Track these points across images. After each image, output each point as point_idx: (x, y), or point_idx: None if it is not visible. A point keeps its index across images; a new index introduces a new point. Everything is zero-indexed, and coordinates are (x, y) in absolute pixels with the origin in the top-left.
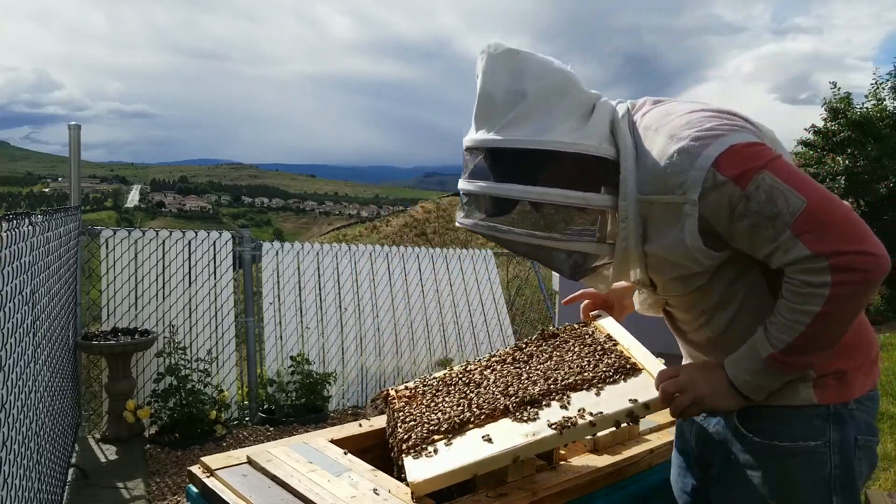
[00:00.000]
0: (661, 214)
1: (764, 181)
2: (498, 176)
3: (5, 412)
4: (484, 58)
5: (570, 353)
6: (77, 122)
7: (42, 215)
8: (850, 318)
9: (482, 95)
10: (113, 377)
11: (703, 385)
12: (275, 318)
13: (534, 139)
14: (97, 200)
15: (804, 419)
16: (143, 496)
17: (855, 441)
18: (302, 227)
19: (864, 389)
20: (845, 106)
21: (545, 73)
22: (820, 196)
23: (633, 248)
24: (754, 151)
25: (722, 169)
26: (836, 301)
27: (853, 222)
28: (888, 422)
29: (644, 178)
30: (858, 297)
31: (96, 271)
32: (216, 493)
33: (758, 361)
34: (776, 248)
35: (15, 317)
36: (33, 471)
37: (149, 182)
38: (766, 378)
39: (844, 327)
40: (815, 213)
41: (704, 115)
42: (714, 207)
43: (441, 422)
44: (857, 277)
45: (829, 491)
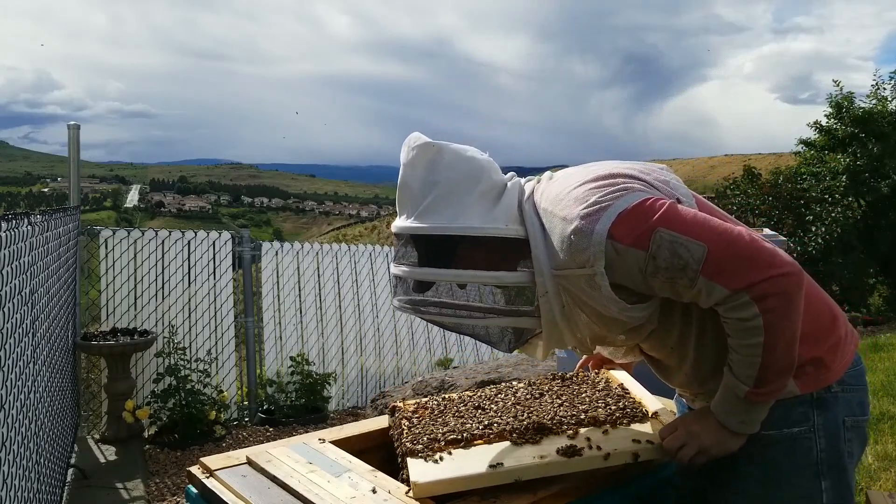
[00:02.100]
0: (579, 285)
1: (662, 238)
2: (420, 260)
3: (4, 412)
4: (404, 150)
5: (582, 394)
6: (76, 122)
7: (41, 215)
8: (793, 332)
9: (401, 185)
10: (112, 377)
11: (705, 437)
12: (274, 318)
13: (446, 225)
14: (96, 200)
15: (788, 407)
16: (142, 496)
17: (843, 423)
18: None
19: (844, 368)
20: (848, 104)
21: (458, 162)
22: (718, 237)
23: (559, 318)
24: (643, 210)
25: (618, 238)
26: (772, 328)
27: (756, 251)
28: (888, 422)
29: (554, 255)
30: (790, 314)
31: (95, 271)
32: (216, 493)
33: (740, 402)
34: (698, 293)
35: (14, 317)
36: (33, 471)
37: (148, 182)
38: (753, 413)
39: (792, 342)
40: (718, 256)
41: (590, 188)
42: (625, 273)
43: (448, 433)
44: (780, 301)
45: (818, 474)
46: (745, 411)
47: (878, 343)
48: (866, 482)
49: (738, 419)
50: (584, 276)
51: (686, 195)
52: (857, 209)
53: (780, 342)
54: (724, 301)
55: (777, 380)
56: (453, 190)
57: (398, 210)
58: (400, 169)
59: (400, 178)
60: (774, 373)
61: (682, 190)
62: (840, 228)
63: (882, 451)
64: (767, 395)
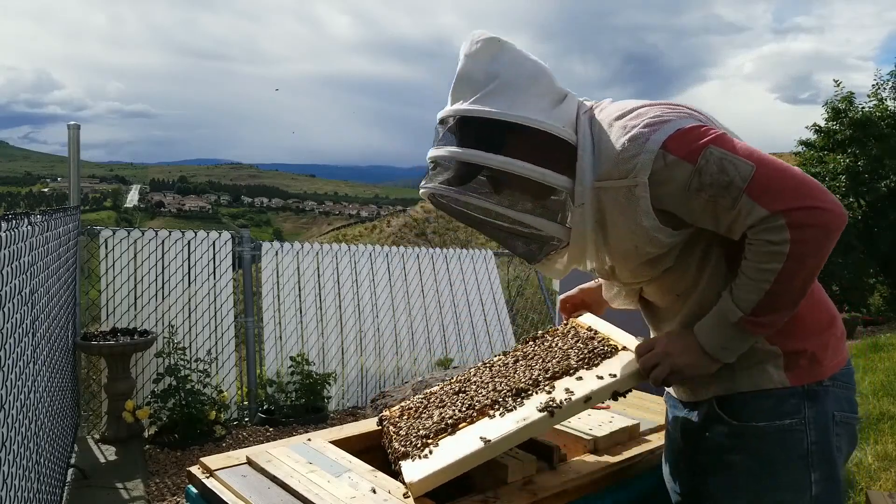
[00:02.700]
0: (617, 201)
1: (712, 154)
2: (466, 144)
3: (4, 412)
4: (467, 43)
5: (553, 348)
6: (76, 122)
7: (41, 215)
8: (812, 273)
9: (461, 74)
10: (112, 377)
11: (679, 357)
12: (274, 318)
13: (504, 112)
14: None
15: (779, 399)
16: (142, 496)
17: (833, 417)
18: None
19: (837, 367)
20: (847, 106)
21: (522, 61)
22: (768, 160)
23: (589, 232)
24: (700, 132)
25: (671, 149)
26: (796, 257)
27: (805, 181)
28: (888, 422)
29: (599, 165)
30: (818, 251)
31: (95, 271)
32: (216, 493)
33: (728, 326)
34: (737, 215)
35: (14, 317)
36: (32, 471)
37: (148, 182)
38: (737, 341)
39: (807, 283)
40: (766, 175)
41: (655, 107)
42: (668, 187)
43: (433, 426)
44: (814, 233)
45: (807, 466)
46: (730, 337)
47: (878, 343)
48: (866, 482)
49: (720, 343)
50: (625, 189)
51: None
52: (856, 209)
53: (798, 275)
54: (760, 223)
55: (775, 313)
56: (514, 84)
57: (451, 99)
58: (460, 61)
59: (459, 69)
60: (777, 305)
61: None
62: None
63: (882, 451)
64: (758, 327)
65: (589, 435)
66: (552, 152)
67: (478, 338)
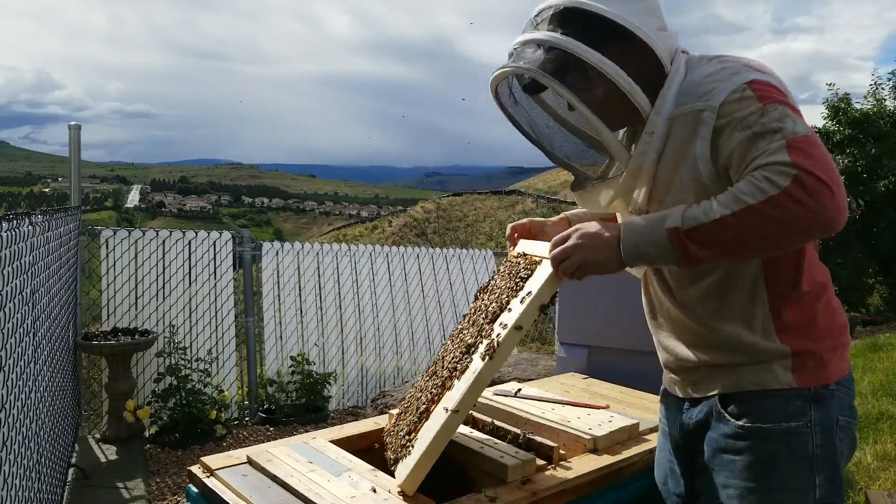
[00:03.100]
0: (683, 128)
1: (783, 108)
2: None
3: (5, 412)
4: None
5: (494, 290)
6: (77, 122)
7: (42, 215)
8: (770, 238)
9: None
10: (113, 377)
11: (588, 251)
12: (275, 318)
13: (615, 12)
14: (97, 200)
15: (785, 400)
16: (143, 496)
17: (836, 421)
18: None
19: (842, 373)
20: (846, 105)
21: None
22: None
23: (648, 165)
24: (783, 95)
25: (753, 87)
26: (774, 205)
27: (837, 176)
28: (888, 422)
29: (681, 97)
30: (795, 222)
31: (96, 271)
32: (216, 492)
33: (658, 231)
34: (763, 152)
35: (15, 317)
36: (33, 471)
37: (149, 182)
38: (652, 251)
39: (758, 243)
40: (814, 143)
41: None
42: (729, 118)
43: (412, 420)
44: (810, 203)
45: (812, 469)
46: (649, 241)
47: (877, 343)
48: (866, 482)
49: (637, 242)
50: (695, 112)
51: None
52: (855, 209)
53: (756, 222)
54: (776, 164)
55: (705, 247)
56: (626, 2)
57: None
58: None
59: None
60: (715, 238)
61: None
62: None
63: (882, 451)
64: (681, 248)
65: (588, 435)
66: (644, 72)
67: None
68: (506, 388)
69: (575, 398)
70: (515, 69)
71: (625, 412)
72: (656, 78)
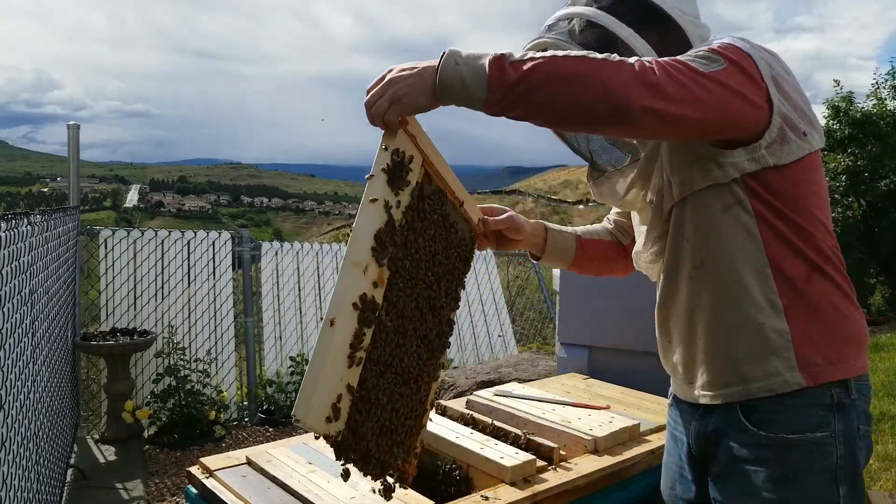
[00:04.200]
0: None
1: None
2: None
3: (4, 412)
4: None
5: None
6: (76, 122)
7: (41, 215)
8: (572, 85)
9: None
10: (112, 377)
11: (402, 84)
12: (274, 318)
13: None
14: (96, 200)
15: (806, 409)
16: (142, 497)
17: (858, 430)
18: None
19: (853, 372)
20: (847, 105)
21: None
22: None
23: (665, 153)
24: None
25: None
26: (601, 65)
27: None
28: (888, 422)
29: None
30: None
31: (95, 271)
32: (215, 493)
33: (480, 58)
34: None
35: (13, 317)
36: (32, 471)
37: (148, 182)
38: (471, 74)
39: (571, 97)
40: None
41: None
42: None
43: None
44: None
45: (835, 480)
46: (470, 63)
47: (878, 343)
48: (867, 483)
49: (458, 62)
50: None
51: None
52: (856, 209)
53: (585, 73)
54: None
55: (521, 82)
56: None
57: None
58: None
59: None
60: (537, 76)
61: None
62: (840, 228)
63: (882, 451)
64: (499, 75)
65: (589, 435)
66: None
67: (478, 338)
68: (506, 389)
69: (575, 399)
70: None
71: (626, 413)
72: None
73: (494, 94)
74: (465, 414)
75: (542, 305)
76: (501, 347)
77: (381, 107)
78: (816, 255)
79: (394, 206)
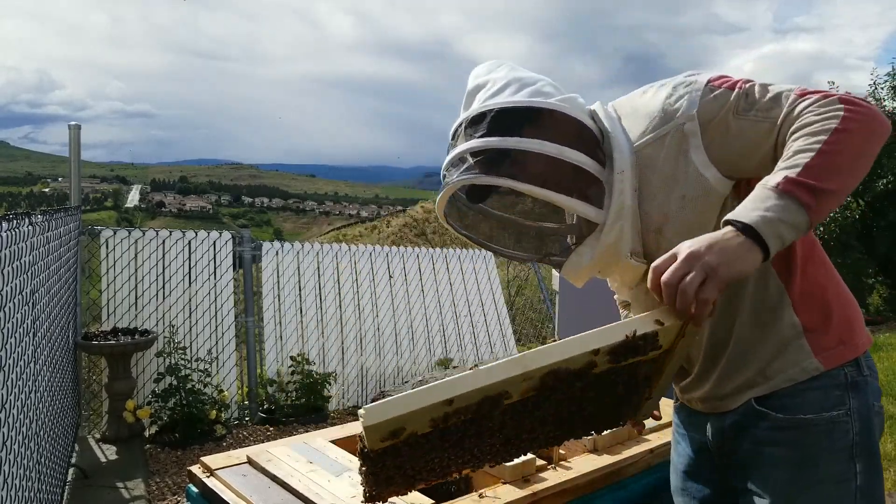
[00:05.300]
0: (661, 150)
1: (754, 82)
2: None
3: (5, 412)
4: (473, 75)
5: None
6: (77, 122)
7: (42, 215)
8: (861, 151)
9: (472, 86)
10: (113, 377)
11: (711, 254)
12: (275, 318)
13: (530, 100)
14: (97, 200)
15: (823, 390)
16: (143, 496)
17: (872, 406)
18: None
19: (861, 349)
20: None
21: (522, 68)
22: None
23: (629, 202)
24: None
25: (715, 84)
26: (851, 121)
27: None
28: (889, 422)
29: (637, 128)
30: (868, 131)
31: (96, 271)
32: (216, 492)
33: (768, 196)
34: (789, 114)
35: (15, 317)
36: (33, 471)
37: (149, 182)
38: (781, 210)
39: (860, 155)
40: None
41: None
42: (716, 118)
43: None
44: (867, 112)
45: (852, 457)
46: (770, 206)
47: (877, 343)
48: None
49: (759, 212)
50: (673, 130)
51: None
52: (855, 209)
53: (849, 140)
54: (812, 104)
55: (831, 176)
56: (526, 80)
57: (464, 108)
58: (469, 82)
59: (469, 84)
60: (834, 163)
61: None
62: (839, 228)
63: (882, 451)
64: (804, 190)
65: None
66: (575, 140)
67: (478, 338)
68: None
69: None
70: (455, 184)
71: None
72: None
73: (815, 210)
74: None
75: (542, 305)
76: (501, 347)
77: (693, 282)
78: (802, 242)
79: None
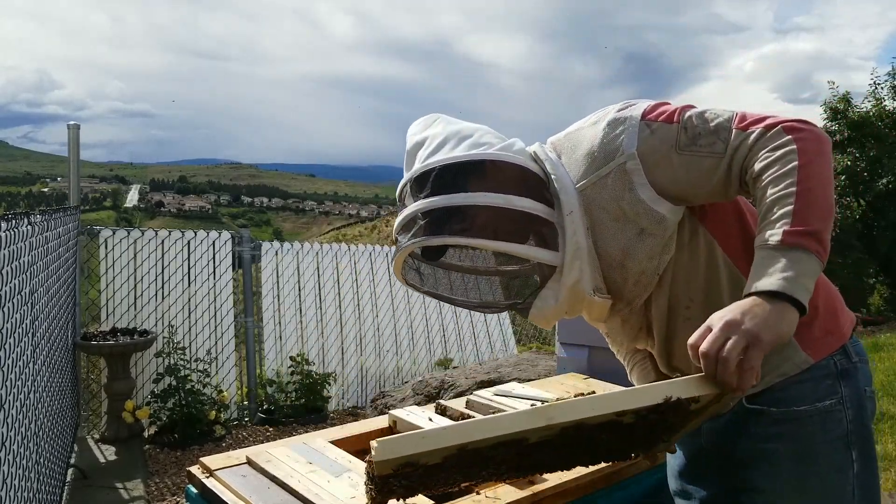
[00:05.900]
0: (605, 189)
1: (691, 113)
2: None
3: (4, 412)
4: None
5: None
6: (76, 122)
7: (41, 215)
8: (827, 174)
9: (411, 145)
10: (112, 377)
11: (750, 321)
12: (274, 318)
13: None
14: (96, 200)
15: (814, 381)
16: (142, 496)
17: (864, 392)
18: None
19: (847, 336)
20: (845, 106)
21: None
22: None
23: (583, 241)
24: (670, 105)
25: (651, 118)
26: (806, 152)
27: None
28: (888, 422)
29: (578, 168)
30: (820, 153)
31: (95, 271)
32: (215, 493)
33: (777, 256)
34: (735, 150)
35: (14, 317)
36: (32, 471)
37: (148, 182)
38: (797, 264)
39: (828, 183)
40: (747, 113)
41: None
42: (658, 155)
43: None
44: (812, 134)
45: (848, 445)
46: (785, 265)
47: (878, 343)
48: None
49: (779, 275)
50: (615, 170)
51: None
52: (856, 209)
53: (815, 170)
54: (758, 139)
55: (811, 219)
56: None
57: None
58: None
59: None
60: (812, 206)
61: None
62: (839, 228)
63: (882, 451)
64: (807, 237)
65: None
66: (520, 186)
67: (477, 337)
68: (506, 389)
69: None
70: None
71: None
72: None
73: (823, 250)
74: (464, 413)
75: None
76: (501, 347)
77: (735, 348)
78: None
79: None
